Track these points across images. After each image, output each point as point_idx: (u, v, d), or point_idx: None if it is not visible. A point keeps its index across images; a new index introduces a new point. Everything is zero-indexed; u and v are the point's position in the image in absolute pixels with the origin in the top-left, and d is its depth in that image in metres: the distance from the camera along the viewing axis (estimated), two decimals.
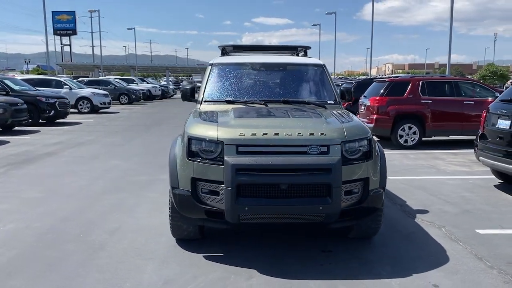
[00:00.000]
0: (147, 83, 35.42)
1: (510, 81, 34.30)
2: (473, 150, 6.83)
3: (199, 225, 4.11)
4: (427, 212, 5.26)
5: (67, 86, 20.24)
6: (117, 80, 29.82)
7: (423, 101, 10.40)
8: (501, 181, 6.77)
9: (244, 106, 4.63)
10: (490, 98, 10.51)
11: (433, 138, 10.88)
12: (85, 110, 20.28)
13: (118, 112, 21.03)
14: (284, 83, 5.19)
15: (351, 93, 5.37)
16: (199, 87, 5.26)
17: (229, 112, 4.31)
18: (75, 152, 9.56)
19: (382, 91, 10.58)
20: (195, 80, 61.08)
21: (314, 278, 3.49)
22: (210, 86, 5.05)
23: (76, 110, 19.80)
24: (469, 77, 30.14)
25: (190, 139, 3.80)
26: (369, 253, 4.05)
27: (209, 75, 5.12)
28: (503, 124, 5.94)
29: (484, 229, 4.65)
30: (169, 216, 4.10)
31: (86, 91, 20.84)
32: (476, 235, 4.48)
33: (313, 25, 48.79)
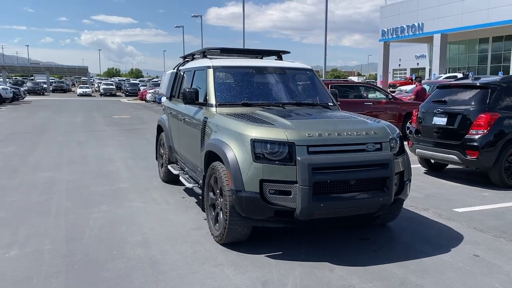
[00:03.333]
0: None
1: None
2: None
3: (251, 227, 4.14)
4: None
5: None
6: None
7: None
8: (425, 169, 8.05)
9: (266, 108, 4.78)
10: (384, 100, 12.21)
11: None
12: None
13: None
14: (287, 86, 5.43)
15: (337, 96, 5.88)
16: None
17: (264, 114, 4.43)
18: None
19: None
20: (39, 81, 55.19)
21: (383, 263, 3.87)
22: (218, 89, 5.04)
23: None
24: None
25: (255, 142, 3.84)
26: (401, 236, 4.60)
27: (214, 78, 5.10)
28: (440, 121, 7.12)
29: (459, 208, 5.59)
30: (226, 220, 4.03)
31: None
32: (458, 214, 5.38)
33: (176, 26, 48.54)
